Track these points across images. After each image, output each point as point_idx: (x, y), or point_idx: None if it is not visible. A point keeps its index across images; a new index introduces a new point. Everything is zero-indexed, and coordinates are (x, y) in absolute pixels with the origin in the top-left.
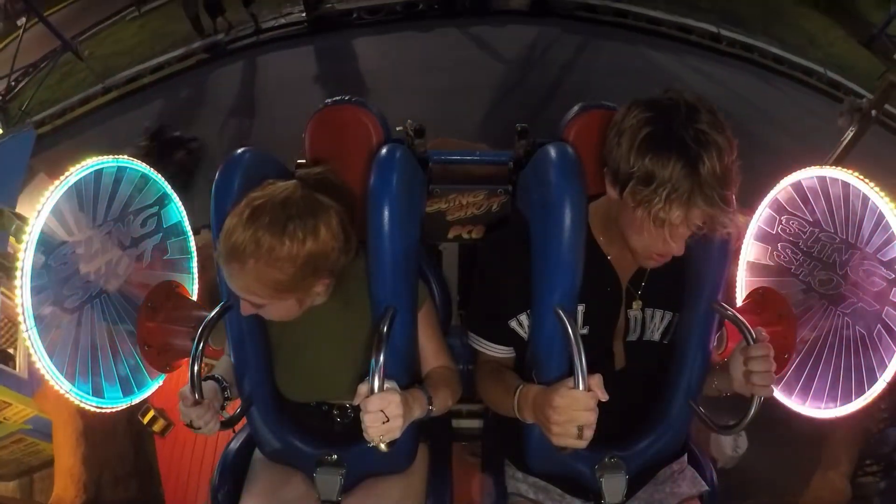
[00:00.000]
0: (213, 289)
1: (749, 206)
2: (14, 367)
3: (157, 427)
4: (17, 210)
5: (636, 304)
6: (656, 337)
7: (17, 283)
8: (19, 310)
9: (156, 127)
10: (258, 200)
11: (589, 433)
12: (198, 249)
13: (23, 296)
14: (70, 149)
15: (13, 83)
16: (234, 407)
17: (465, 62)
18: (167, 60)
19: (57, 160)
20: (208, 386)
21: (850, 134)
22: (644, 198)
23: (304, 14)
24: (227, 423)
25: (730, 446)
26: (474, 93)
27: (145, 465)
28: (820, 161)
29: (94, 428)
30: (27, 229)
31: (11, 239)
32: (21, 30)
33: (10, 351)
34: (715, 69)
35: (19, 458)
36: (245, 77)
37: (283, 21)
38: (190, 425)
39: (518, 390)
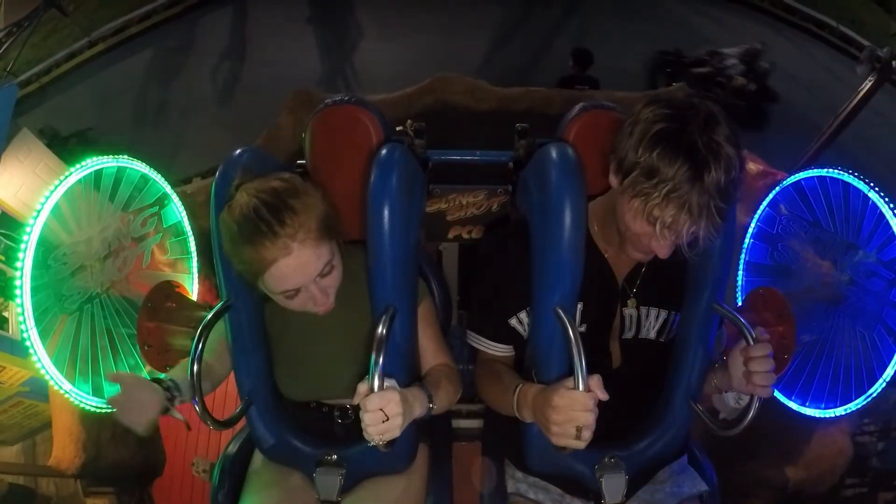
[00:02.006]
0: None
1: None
2: (7, 330)
3: None
4: (13, 206)
5: (631, 303)
6: (652, 335)
7: (17, 283)
8: (19, 310)
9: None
10: (255, 199)
11: (588, 434)
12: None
13: (23, 296)
14: (59, 105)
15: None
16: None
17: (466, 1)
18: (154, 9)
19: (46, 118)
20: (149, 387)
21: (867, 84)
22: (643, 190)
23: None
24: (227, 423)
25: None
26: (475, 32)
27: None
28: (833, 113)
29: None
30: (27, 229)
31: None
32: None
33: (5, 315)
34: (725, 16)
35: (20, 422)
36: (235, 22)
37: None
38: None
39: (517, 389)
